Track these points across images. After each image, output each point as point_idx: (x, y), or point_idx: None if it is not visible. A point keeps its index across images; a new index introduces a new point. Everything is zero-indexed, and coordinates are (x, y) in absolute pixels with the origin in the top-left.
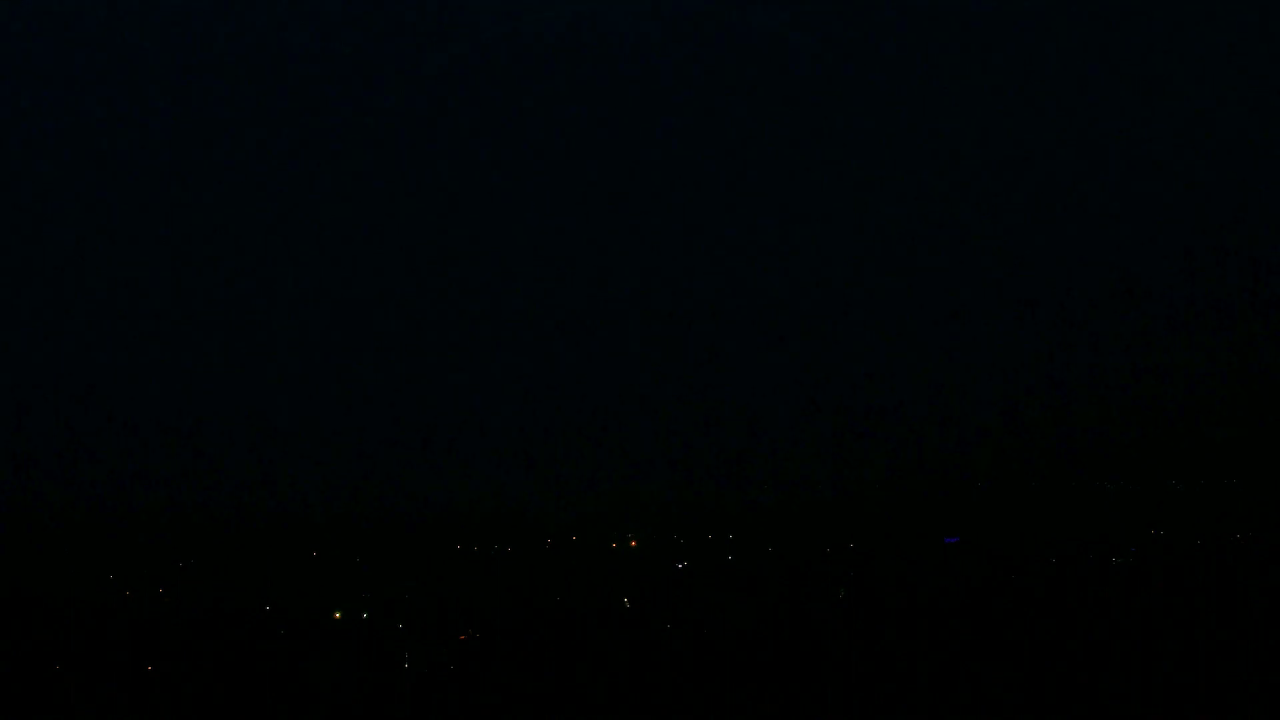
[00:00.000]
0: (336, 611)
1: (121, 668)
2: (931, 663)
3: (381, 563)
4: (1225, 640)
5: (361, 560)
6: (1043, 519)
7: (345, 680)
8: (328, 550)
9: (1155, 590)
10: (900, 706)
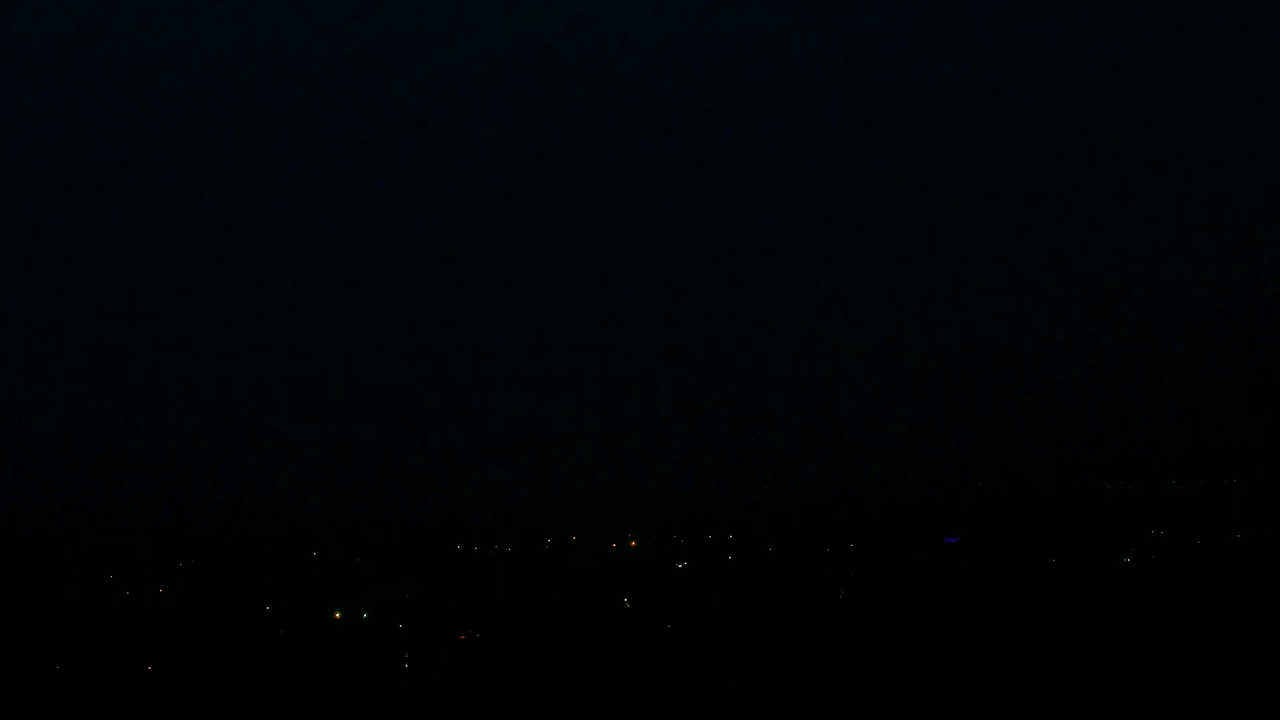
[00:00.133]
0: (336, 611)
1: (121, 668)
2: (931, 663)
3: (381, 563)
4: (1225, 640)
5: (361, 560)
6: (1042, 519)
7: (345, 680)
8: (328, 550)
9: (1155, 590)
10: (900, 706)
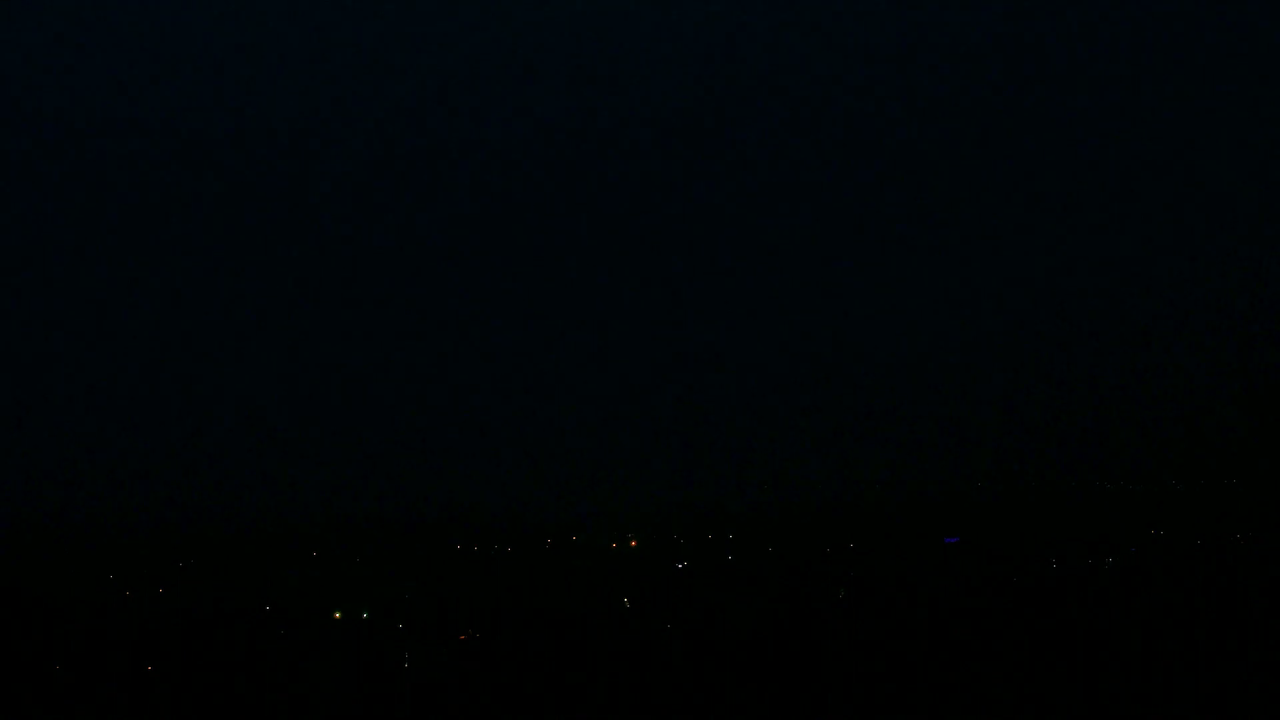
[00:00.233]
0: (336, 611)
1: (121, 668)
2: (931, 662)
3: (381, 563)
4: (1225, 640)
5: (361, 560)
6: (1042, 519)
7: (345, 680)
8: (328, 550)
9: (1155, 590)
10: (900, 706)
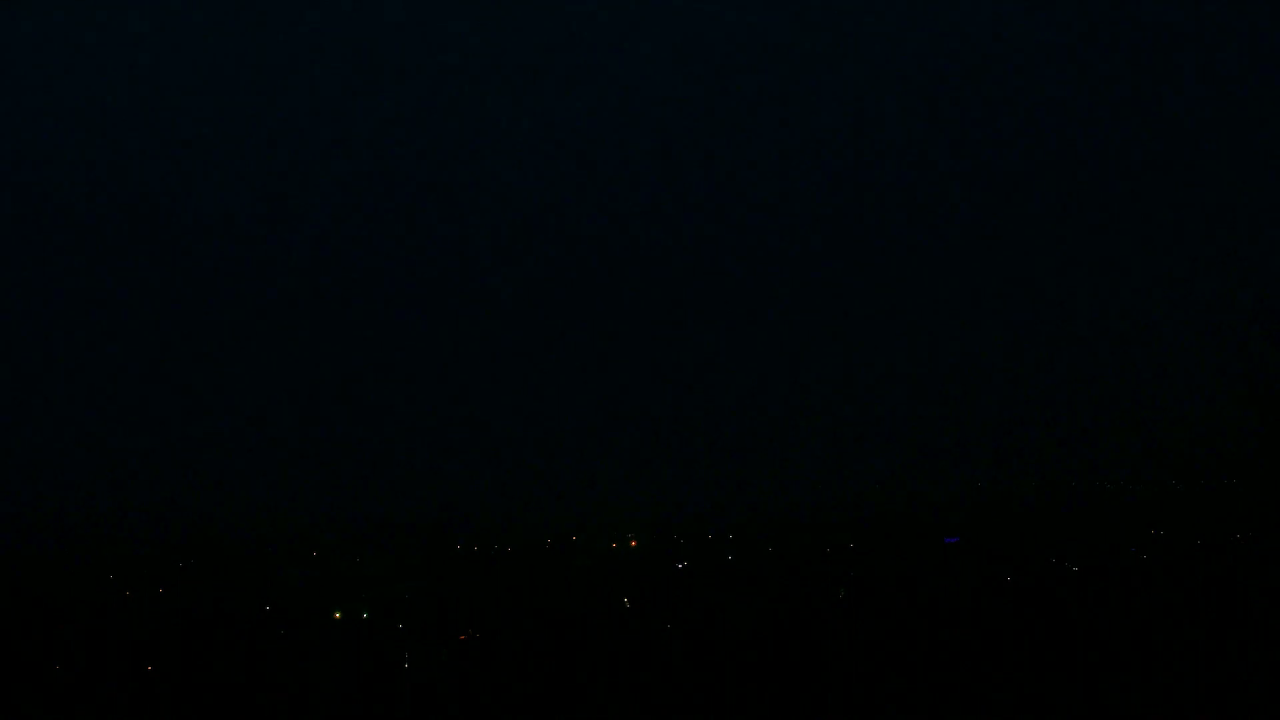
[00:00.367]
0: (336, 611)
1: (121, 668)
2: (931, 662)
3: (381, 563)
4: (1225, 640)
5: (361, 560)
6: (1042, 520)
7: (345, 680)
8: (328, 550)
9: (1155, 590)
10: (900, 706)
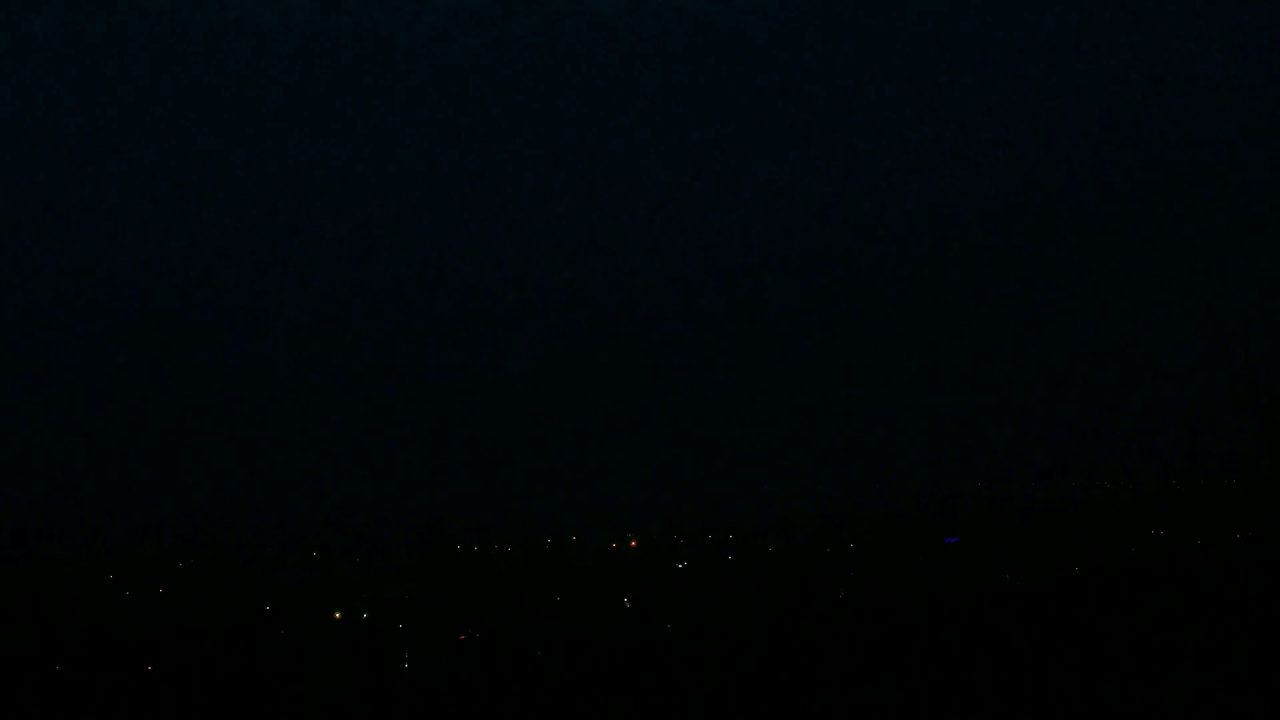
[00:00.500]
0: (336, 611)
1: (121, 668)
2: (932, 662)
3: (381, 563)
4: (1225, 640)
5: (361, 560)
6: (1042, 519)
7: (345, 680)
8: (328, 550)
9: (1155, 590)
10: (900, 706)
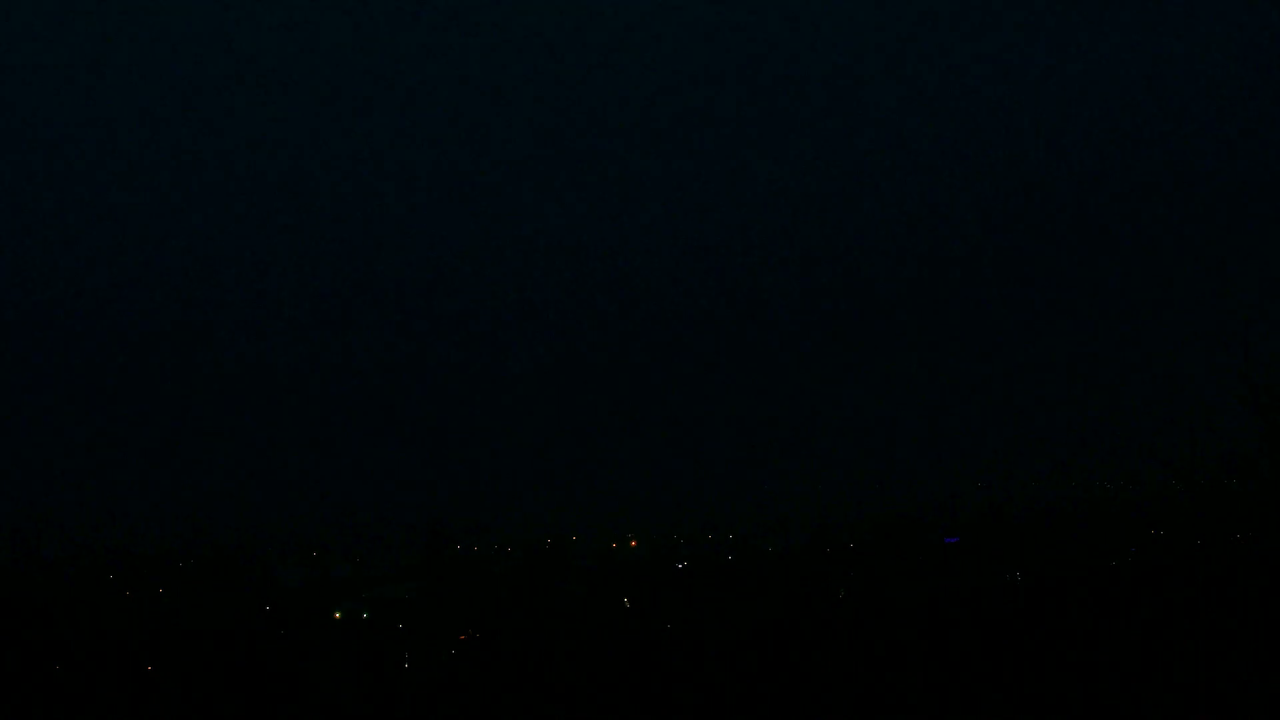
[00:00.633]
0: (336, 611)
1: (121, 668)
2: (932, 663)
3: (381, 563)
4: (1225, 640)
5: (361, 560)
6: (1042, 519)
7: (345, 680)
8: (328, 550)
9: (1155, 590)
10: (900, 707)
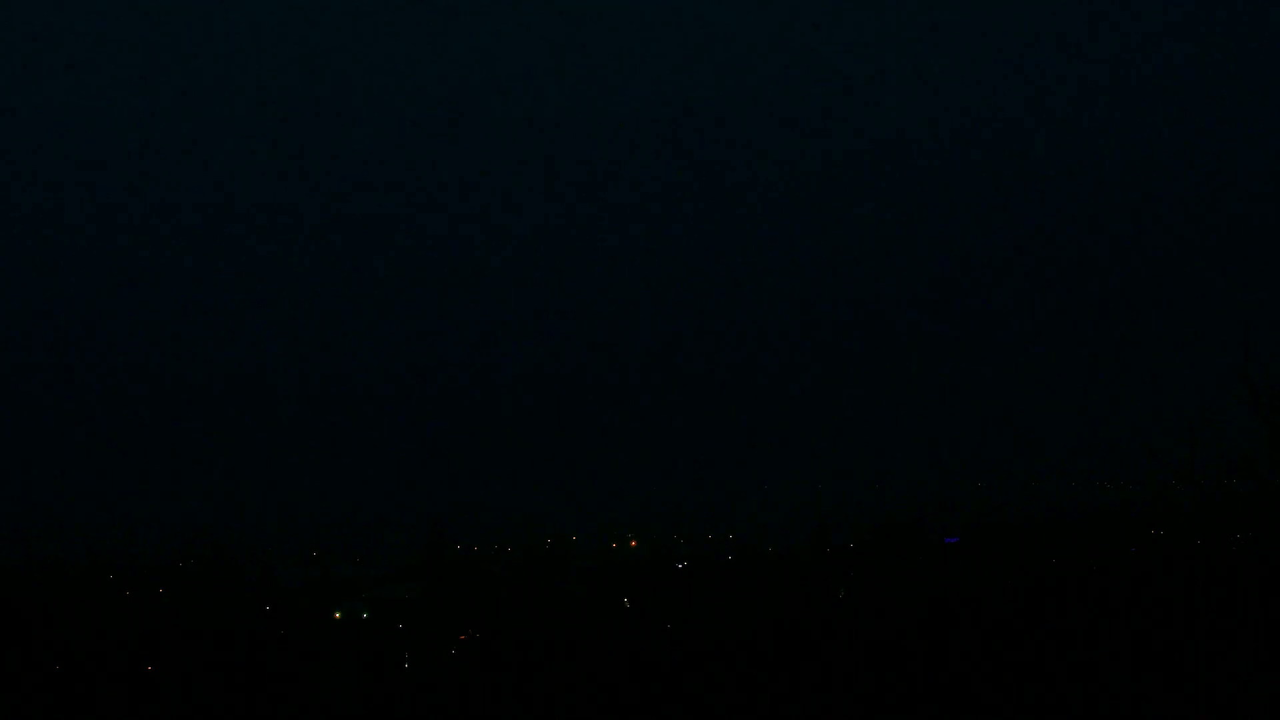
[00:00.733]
0: (336, 611)
1: (121, 668)
2: (932, 662)
3: (382, 563)
4: (1226, 641)
5: (361, 560)
6: (1042, 519)
7: (345, 680)
8: (328, 550)
9: (1155, 590)
10: (900, 706)
